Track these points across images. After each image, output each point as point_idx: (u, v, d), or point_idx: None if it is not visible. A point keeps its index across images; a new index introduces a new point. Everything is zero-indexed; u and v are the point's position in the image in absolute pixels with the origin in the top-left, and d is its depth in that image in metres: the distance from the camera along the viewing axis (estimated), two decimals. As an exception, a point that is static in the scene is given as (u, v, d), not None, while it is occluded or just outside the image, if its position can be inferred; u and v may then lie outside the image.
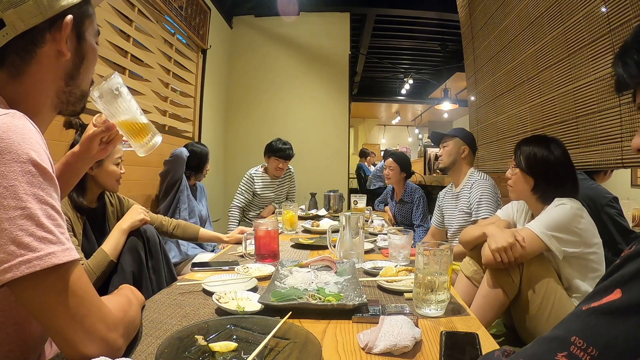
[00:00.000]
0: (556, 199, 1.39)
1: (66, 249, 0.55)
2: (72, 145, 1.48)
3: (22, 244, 0.51)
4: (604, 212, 1.93)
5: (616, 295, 0.39)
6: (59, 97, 0.70)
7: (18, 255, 0.51)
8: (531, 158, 1.46)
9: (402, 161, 3.09)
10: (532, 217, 1.52)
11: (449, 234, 2.31)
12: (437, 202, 2.41)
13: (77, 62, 0.69)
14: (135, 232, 1.40)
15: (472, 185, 2.12)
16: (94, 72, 0.77)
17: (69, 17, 0.64)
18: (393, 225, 2.89)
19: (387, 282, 1.09)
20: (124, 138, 0.90)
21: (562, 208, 1.35)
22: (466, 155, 2.21)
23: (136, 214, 1.43)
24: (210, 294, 0.98)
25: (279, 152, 3.01)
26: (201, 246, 2.57)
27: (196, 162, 2.64)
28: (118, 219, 1.62)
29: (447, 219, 2.29)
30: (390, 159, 3.07)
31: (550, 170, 1.44)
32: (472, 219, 2.07)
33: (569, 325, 0.41)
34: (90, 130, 0.89)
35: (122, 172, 1.57)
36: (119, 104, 0.85)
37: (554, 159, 1.44)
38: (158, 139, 0.91)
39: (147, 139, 0.90)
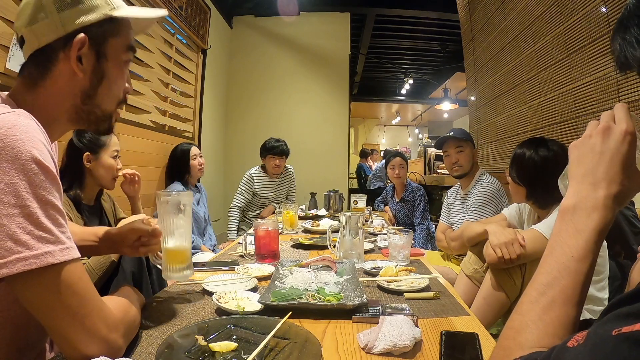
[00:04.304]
0: None
1: (65, 248, 0.55)
2: (69, 145, 1.49)
3: (20, 241, 0.51)
4: (620, 212, 1.93)
5: None
6: (77, 114, 0.69)
7: (15, 252, 0.51)
8: (519, 167, 1.43)
9: (407, 159, 3.16)
10: (539, 218, 1.52)
11: None
12: (445, 200, 2.40)
13: (94, 82, 0.67)
14: None
15: (477, 187, 2.11)
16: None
17: (80, 36, 0.63)
18: (393, 225, 2.89)
19: (387, 282, 1.09)
20: (160, 254, 0.89)
21: None
22: (476, 159, 2.21)
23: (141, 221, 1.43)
24: (210, 294, 0.98)
25: (273, 149, 3.02)
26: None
27: (178, 162, 2.63)
28: (114, 217, 1.63)
29: (454, 220, 2.27)
30: (399, 157, 3.10)
31: (539, 177, 1.38)
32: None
33: (595, 353, 0.33)
34: (141, 225, 0.89)
35: (119, 168, 1.57)
36: (177, 220, 0.83)
37: (541, 165, 1.37)
38: (188, 273, 0.89)
39: (181, 266, 0.88)
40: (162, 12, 0.74)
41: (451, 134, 2.21)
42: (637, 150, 0.49)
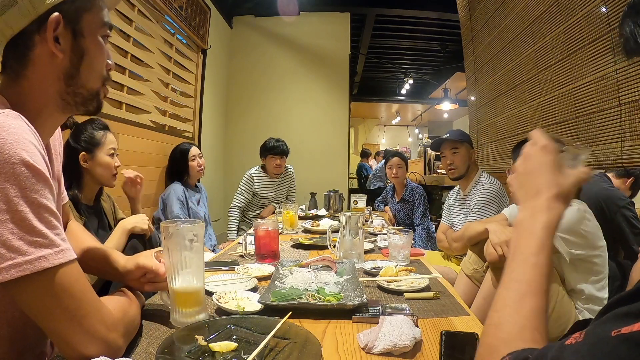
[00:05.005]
0: None
1: (60, 251, 0.54)
2: (66, 146, 1.49)
3: (12, 247, 0.50)
4: (621, 213, 1.94)
5: None
6: (63, 99, 0.67)
7: (8, 259, 0.50)
8: None
9: (406, 160, 3.15)
10: None
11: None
12: (446, 200, 2.40)
13: (75, 61, 0.66)
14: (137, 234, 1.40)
15: (478, 188, 2.10)
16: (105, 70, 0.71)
17: (54, 15, 0.61)
18: (393, 225, 2.89)
19: (387, 282, 1.09)
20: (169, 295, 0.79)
21: (569, 210, 1.33)
22: (474, 159, 2.19)
23: (142, 221, 1.44)
24: (210, 294, 0.98)
25: (273, 149, 3.02)
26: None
27: (177, 163, 2.63)
28: (114, 217, 1.63)
29: (454, 221, 2.27)
30: (398, 157, 3.10)
31: None
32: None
33: (593, 352, 0.33)
34: (147, 261, 0.83)
35: (118, 165, 1.57)
36: (185, 256, 0.75)
37: None
38: (202, 317, 0.79)
39: (191, 311, 0.77)
40: None
41: (447, 135, 2.21)
42: (563, 158, 0.58)
